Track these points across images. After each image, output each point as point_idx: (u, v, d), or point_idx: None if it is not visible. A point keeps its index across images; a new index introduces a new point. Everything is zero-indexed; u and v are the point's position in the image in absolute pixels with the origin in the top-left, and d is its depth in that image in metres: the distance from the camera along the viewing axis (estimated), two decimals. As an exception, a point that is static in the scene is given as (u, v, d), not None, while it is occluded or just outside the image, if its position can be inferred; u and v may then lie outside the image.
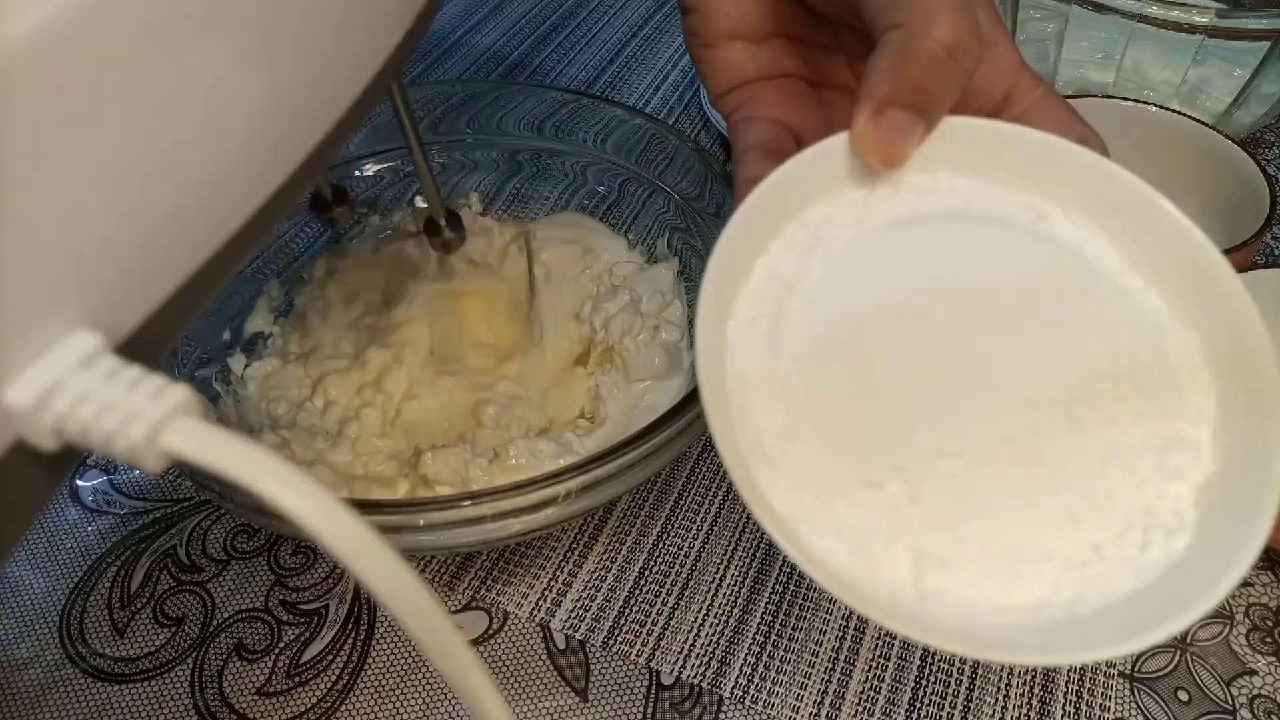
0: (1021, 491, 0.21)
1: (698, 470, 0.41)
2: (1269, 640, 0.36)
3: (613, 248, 0.45)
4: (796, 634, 0.36)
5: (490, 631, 0.36)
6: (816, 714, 0.34)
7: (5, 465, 0.16)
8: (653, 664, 0.35)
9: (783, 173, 0.23)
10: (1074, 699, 0.34)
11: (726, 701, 0.34)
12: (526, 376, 0.40)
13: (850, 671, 0.35)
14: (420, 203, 0.45)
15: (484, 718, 0.17)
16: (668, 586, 0.37)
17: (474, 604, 0.36)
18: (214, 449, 0.15)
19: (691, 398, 0.32)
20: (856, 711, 0.34)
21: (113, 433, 0.15)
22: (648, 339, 0.40)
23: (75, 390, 0.15)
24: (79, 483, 0.40)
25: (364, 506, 0.29)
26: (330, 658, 0.35)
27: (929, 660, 0.35)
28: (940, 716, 0.34)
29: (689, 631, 0.36)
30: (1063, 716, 0.34)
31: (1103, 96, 0.49)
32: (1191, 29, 0.49)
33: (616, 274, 0.43)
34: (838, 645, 0.35)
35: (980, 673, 0.35)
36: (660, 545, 0.38)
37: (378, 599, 0.16)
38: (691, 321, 0.42)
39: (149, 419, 0.15)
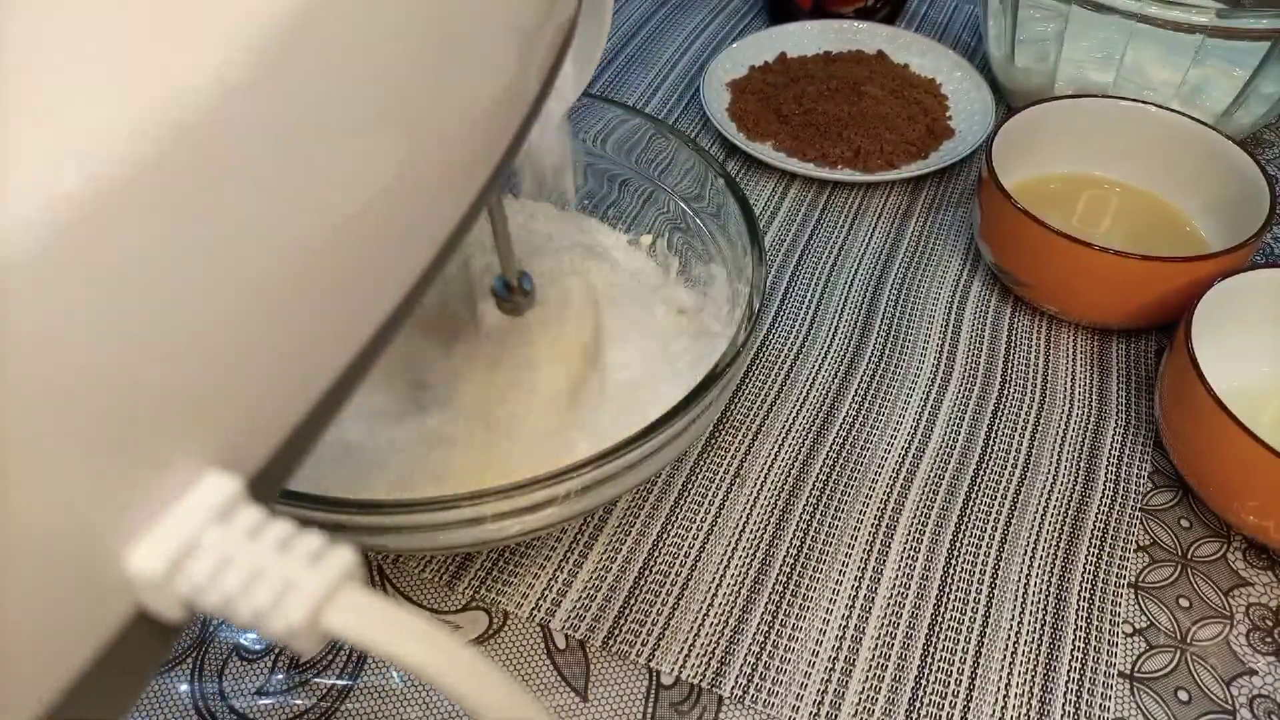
0: None
1: (698, 470, 0.41)
2: (1269, 640, 0.36)
3: (612, 244, 0.45)
4: (797, 634, 0.36)
5: (490, 631, 0.36)
6: (816, 714, 0.34)
7: (122, 641, 0.12)
8: (653, 664, 0.35)
9: None
10: (1074, 699, 0.34)
11: (726, 701, 0.34)
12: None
13: (850, 672, 0.35)
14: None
15: None
16: (668, 586, 0.37)
17: (474, 604, 0.36)
18: (391, 631, 0.12)
19: (691, 398, 0.32)
20: (856, 712, 0.34)
21: (264, 609, 0.12)
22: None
23: (216, 552, 0.12)
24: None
25: (363, 507, 0.29)
26: (330, 658, 0.35)
27: (929, 660, 0.35)
28: (940, 717, 0.34)
29: (689, 631, 0.36)
30: (1062, 717, 0.34)
31: (1103, 96, 0.49)
32: (1192, 29, 0.49)
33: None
34: (838, 645, 0.35)
35: (980, 673, 0.35)
36: (660, 545, 0.38)
37: None
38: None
39: (311, 594, 0.12)
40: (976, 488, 0.41)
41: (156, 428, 0.12)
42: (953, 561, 0.38)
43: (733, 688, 0.34)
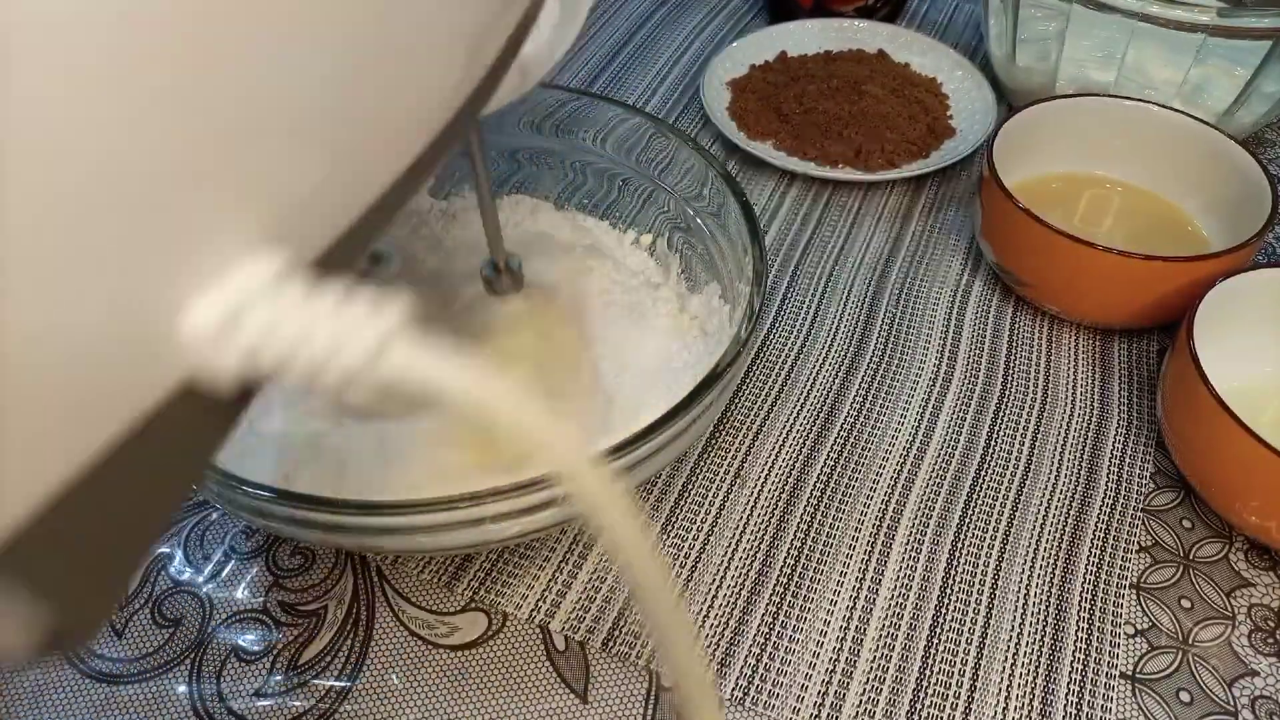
0: None
1: (698, 470, 0.41)
2: (1271, 641, 0.36)
3: (612, 245, 0.45)
4: (797, 636, 0.36)
5: (489, 632, 0.35)
6: (817, 716, 0.34)
7: (168, 413, 0.13)
8: (653, 665, 0.35)
9: None
10: (1075, 700, 0.34)
11: (727, 704, 0.34)
12: None
13: (851, 673, 0.35)
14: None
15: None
16: (668, 587, 0.37)
17: (473, 605, 0.36)
18: (448, 369, 0.13)
19: (691, 398, 0.32)
20: (857, 714, 0.34)
21: (323, 357, 0.13)
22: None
23: (269, 311, 0.13)
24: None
25: (363, 507, 0.29)
26: (328, 659, 0.35)
27: (931, 661, 0.35)
28: (941, 718, 0.34)
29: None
30: (1064, 718, 0.34)
31: (1105, 96, 0.49)
32: (1193, 28, 0.49)
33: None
34: (839, 647, 0.35)
35: (982, 674, 0.35)
36: (660, 546, 0.38)
37: (608, 543, 0.15)
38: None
39: (370, 336, 0.13)
40: (978, 488, 0.41)
41: (210, 192, 0.12)
42: (954, 562, 0.38)
43: (733, 690, 0.34)
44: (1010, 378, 0.45)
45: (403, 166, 0.17)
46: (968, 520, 0.39)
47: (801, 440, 0.42)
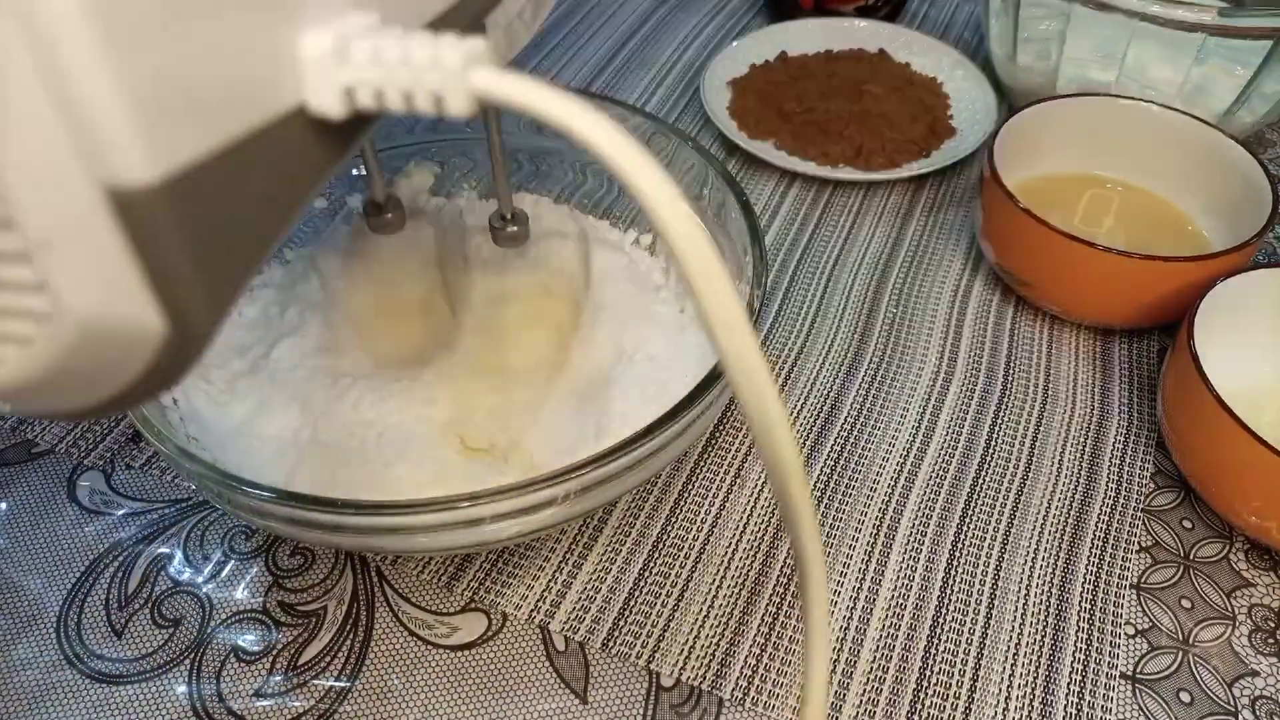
0: None
1: (698, 470, 0.41)
2: (1271, 641, 0.36)
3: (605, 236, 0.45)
4: (797, 635, 0.36)
5: (489, 633, 0.35)
6: (817, 716, 0.34)
7: (283, 130, 0.16)
8: (653, 665, 0.35)
9: None
10: (1076, 700, 0.34)
11: (727, 703, 0.34)
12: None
13: (851, 673, 0.35)
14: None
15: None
16: (667, 587, 0.37)
17: (473, 605, 0.36)
18: (523, 87, 0.15)
19: (691, 398, 0.32)
20: (858, 713, 0.34)
21: (416, 79, 0.15)
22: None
23: (376, 44, 0.15)
24: (76, 483, 0.40)
25: (363, 507, 0.29)
26: (328, 659, 0.35)
27: (931, 661, 0.35)
28: (942, 717, 0.34)
29: (689, 633, 0.36)
30: (1064, 718, 0.34)
31: (1105, 95, 0.49)
32: (1194, 28, 0.49)
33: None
34: (839, 646, 0.35)
35: (982, 673, 0.35)
36: (660, 545, 0.38)
37: (671, 244, 0.17)
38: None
39: (456, 58, 0.15)
40: (978, 488, 0.40)
41: None
42: (955, 562, 0.38)
43: (733, 690, 0.34)
44: (1011, 378, 0.45)
45: None
46: (968, 520, 0.39)
47: (802, 440, 0.42)
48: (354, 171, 0.45)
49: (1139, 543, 0.39)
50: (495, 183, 0.34)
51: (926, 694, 0.34)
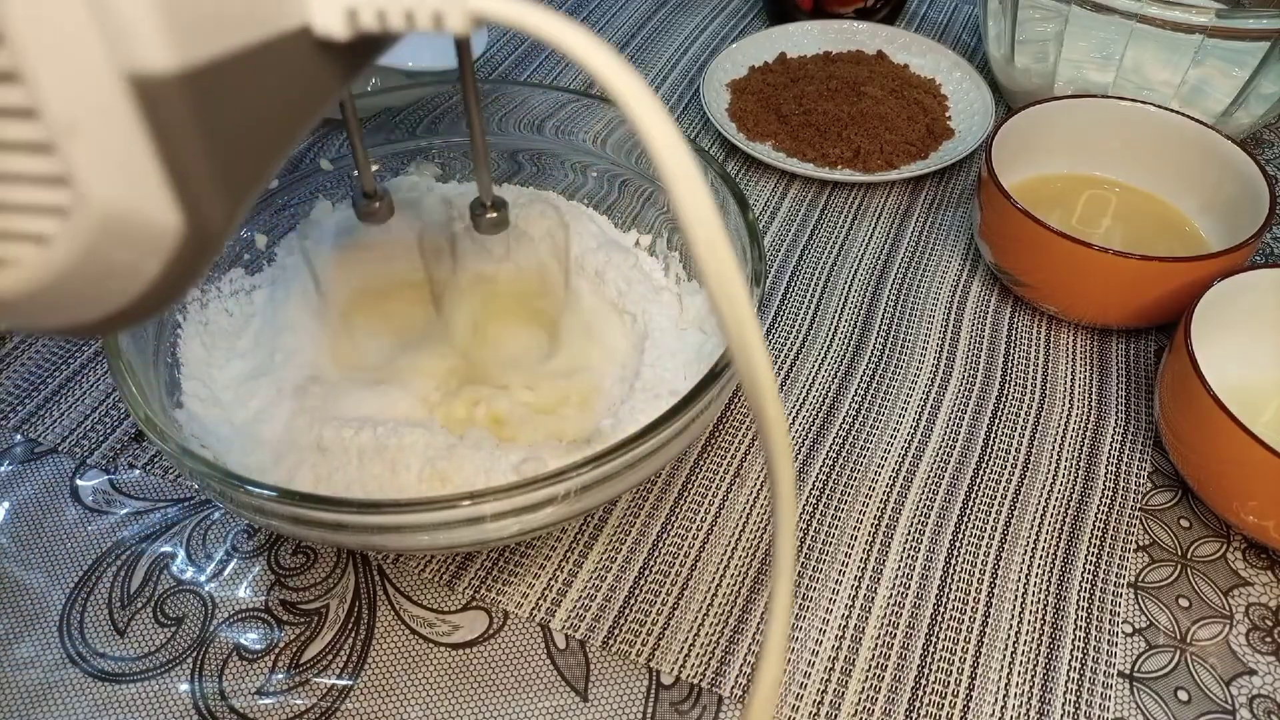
0: None
1: (698, 470, 0.41)
2: (1269, 640, 0.36)
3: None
4: (796, 634, 0.36)
5: (490, 631, 0.36)
6: (816, 714, 0.34)
7: (290, 45, 0.17)
8: (653, 664, 0.35)
9: None
10: (1073, 699, 0.34)
11: (726, 701, 0.34)
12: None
13: (850, 671, 0.35)
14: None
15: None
16: (668, 586, 0.37)
17: (474, 604, 0.36)
18: (519, 8, 0.16)
19: (690, 398, 0.32)
20: (856, 711, 0.34)
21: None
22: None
23: None
24: (79, 483, 0.40)
25: (362, 507, 0.29)
26: (330, 658, 0.35)
27: (929, 660, 0.35)
28: (940, 717, 0.34)
29: (689, 631, 0.36)
30: (1062, 716, 0.34)
31: (1103, 97, 0.49)
32: (1191, 29, 0.49)
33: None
34: (837, 645, 0.36)
35: (980, 672, 0.35)
36: (660, 545, 0.38)
37: (662, 169, 0.17)
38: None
39: None
40: (976, 487, 0.41)
41: None
42: (953, 561, 0.38)
43: (733, 687, 0.34)
44: (1008, 377, 0.45)
45: None
46: (966, 519, 0.40)
47: (801, 439, 0.42)
48: (354, 174, 0.46)
49: (1136, 542, 0.39)
50: (475, 170, 0.34)
51: (925, 692, 0.34)
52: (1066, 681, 0.35)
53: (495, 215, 0.35)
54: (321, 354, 0.40)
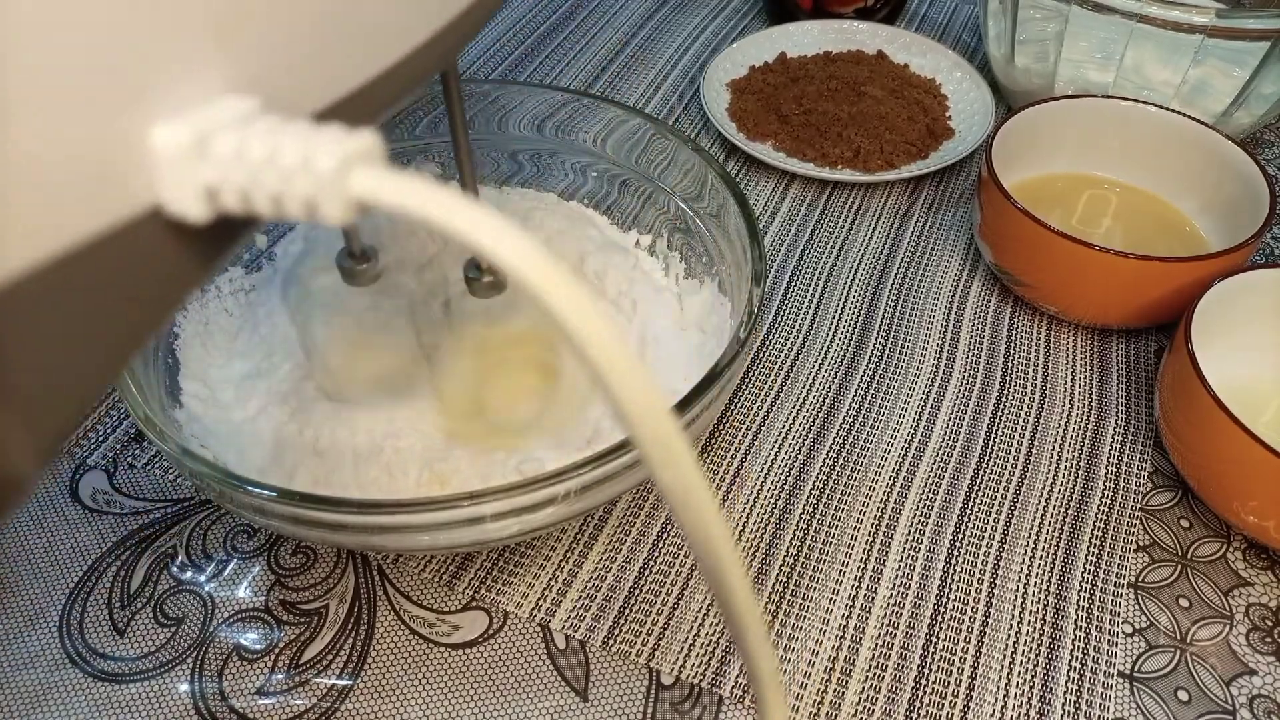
0: None
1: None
2: (1269, 640, 0.36)
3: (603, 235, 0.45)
4: (796, 634, 0.36)
5: (490, 631, 0.36)
6: (816, 714, 0.34)
7: (136, 234, 0.13)
8: (652, 664, 0.35)
9: None
10: (1073, 699, 0.34)
11: (726, 701, 0.34)
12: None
13: (850, 671, 0.35)
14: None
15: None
16: (667, 586, 0.37)
17: (474, 604, 0.36)
18: (413, 191, 0.13)
19: (690, 398, 0.32)
20: (856, 711, 0.34)
21: (286, 182, 0.13)
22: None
23: (239, 139, 0.13)
24: (79, 483, 0.40)
25: (362, 507, 0.29)
26: (330, 658, 0.35)
27: (929, 660, 0.35)
28: (939, 716, 0.34)
29: (689, 631, 0.36)
30: (1062, 716, 0.34)
31: (1103, 96, 0.49)
32: (1191, 29, 0.49)
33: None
34: (838, 645, 0.36)
35: (980, 672, 0.35)
36: (660, 545, 0.38)
37: (574, 342, 0.14)
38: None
39: (331, 161, 0.13)
40: (976, 487, 0.41)
41: (187, 24, 0.13)
42: (953, 561, 0.38)
43: (733, 687, 0.34)
44: (1008, 377, 0.45)
45: (390, 60, 0.18)
46: (966, 519, 0.40)
47: (800, 440, 0.42)
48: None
49: (1136, 542, 0.39)
50: (461, 181, 0.33)
51: (925, 692, 0.34)
52: (1066, 681, 0.35)
53: (492, 279, 0.34)
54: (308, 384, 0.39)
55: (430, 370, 0.39)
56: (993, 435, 0.43)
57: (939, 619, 0.36)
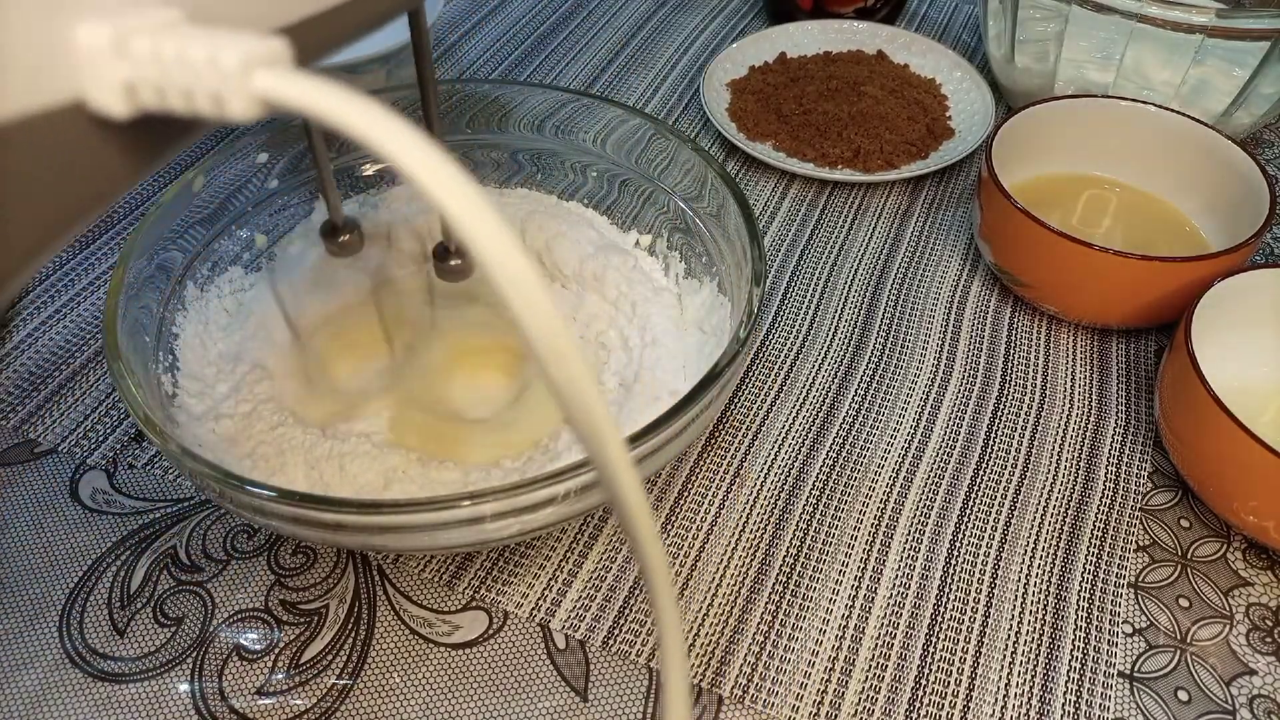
0: None
1: (698, 470, 0.41)
2: (1269, 640, 0.36)
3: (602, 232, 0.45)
4: (796, 634, 0.36)
5: (490, 631, 0.36)
6: (816, 714, 0.34)
7: (62, 123, 0.15)
8: (653, 664, 0.35)
9: None
10: (1073, 699, 0.34)
11: (726, 701, 0.34)
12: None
13: (850, 671, 0.35)
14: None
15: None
16: (667, 586, 0.37)
17: (474, 604, 0.36)
18: (313, 91, 0.14)
19: (690, 398, 0.32)
20: (856, 711, 0.34)
21: (195, 78, 0.14)
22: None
23: (155, 40, 0.14)
24: (79, 483, 0.40)
25: (363, 507, 0.29)
26: (330, 658, 0.35)
27: (929, 660, 0.35)
28: (940, 716, 0.34)
29: (689, 631, 0.36)
30: (1062, 716, 0.34)
31: (1103, 96, 0.49)
32: (1191, 29, 0.49)
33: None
34: (837, 645, 0.36)
35: (980, 672, 0.35)
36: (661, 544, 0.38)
37: (467, 242, 0.14)
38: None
39: (234, 59, 0.14)
40: (976, 487, 0.41)
41: None
42: (953, 561, 0.38)
43: (732, 688, 0.34)
44: (1008, 377, 0.45)
45: None
46: (966, 519, 0.40)
47: (800, 439, 0.42)
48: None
49: (1136, 542, 0.39)
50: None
51: (925, 692, 0.34)
52: (1066, 681, 0.35)
53: (459, 262, 0.34)
54: (285, 383, 0.39)
55: (402, 348, 0.40)
56: (993, 435, 0.43)
57: (939, 619, 0.36)
